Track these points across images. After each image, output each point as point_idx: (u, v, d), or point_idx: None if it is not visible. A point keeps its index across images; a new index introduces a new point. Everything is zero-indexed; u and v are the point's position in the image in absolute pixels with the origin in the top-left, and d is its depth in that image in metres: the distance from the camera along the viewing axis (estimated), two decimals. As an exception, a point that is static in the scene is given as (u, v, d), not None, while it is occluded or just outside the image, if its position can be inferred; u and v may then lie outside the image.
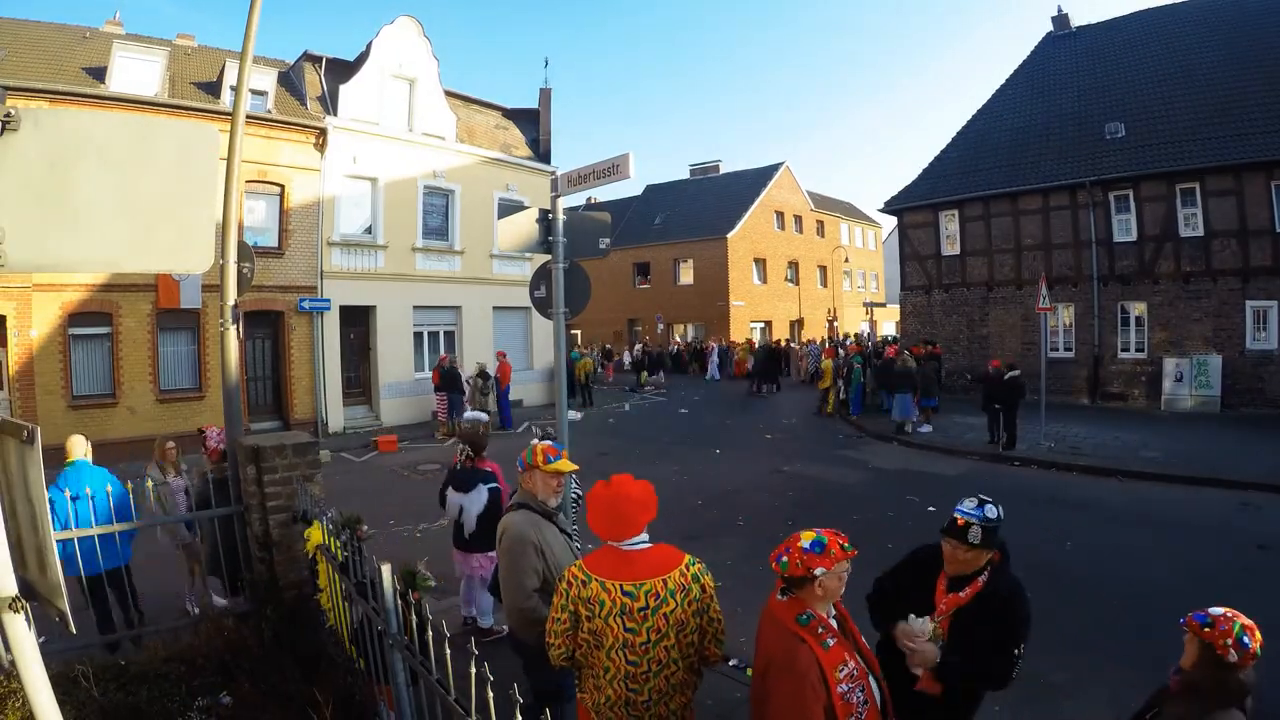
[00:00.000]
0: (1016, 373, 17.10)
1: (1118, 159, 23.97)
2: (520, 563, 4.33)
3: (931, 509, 11.93)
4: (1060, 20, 31.27)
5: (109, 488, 5.96)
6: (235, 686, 4.17)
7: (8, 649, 2.00)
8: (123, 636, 5.28)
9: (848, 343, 37.31)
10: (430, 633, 2.87)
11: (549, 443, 4.75)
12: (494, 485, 7.27)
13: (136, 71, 19.78)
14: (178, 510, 7.92)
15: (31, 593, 2.20)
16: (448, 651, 2.74)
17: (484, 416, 10.73)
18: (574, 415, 12.38)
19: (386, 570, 3.44)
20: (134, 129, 2.42)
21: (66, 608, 2.17)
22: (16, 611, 2.03)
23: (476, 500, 7.05)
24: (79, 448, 7.09)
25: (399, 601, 3.43)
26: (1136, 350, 23.79)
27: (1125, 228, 23.82)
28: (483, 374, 21.55)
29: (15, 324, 17.25)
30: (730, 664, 6.85)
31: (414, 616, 3.16)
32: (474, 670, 2.43)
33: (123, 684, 4.16)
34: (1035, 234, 25.91)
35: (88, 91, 18.45)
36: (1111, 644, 6.94)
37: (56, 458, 14.68)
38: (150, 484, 8.05)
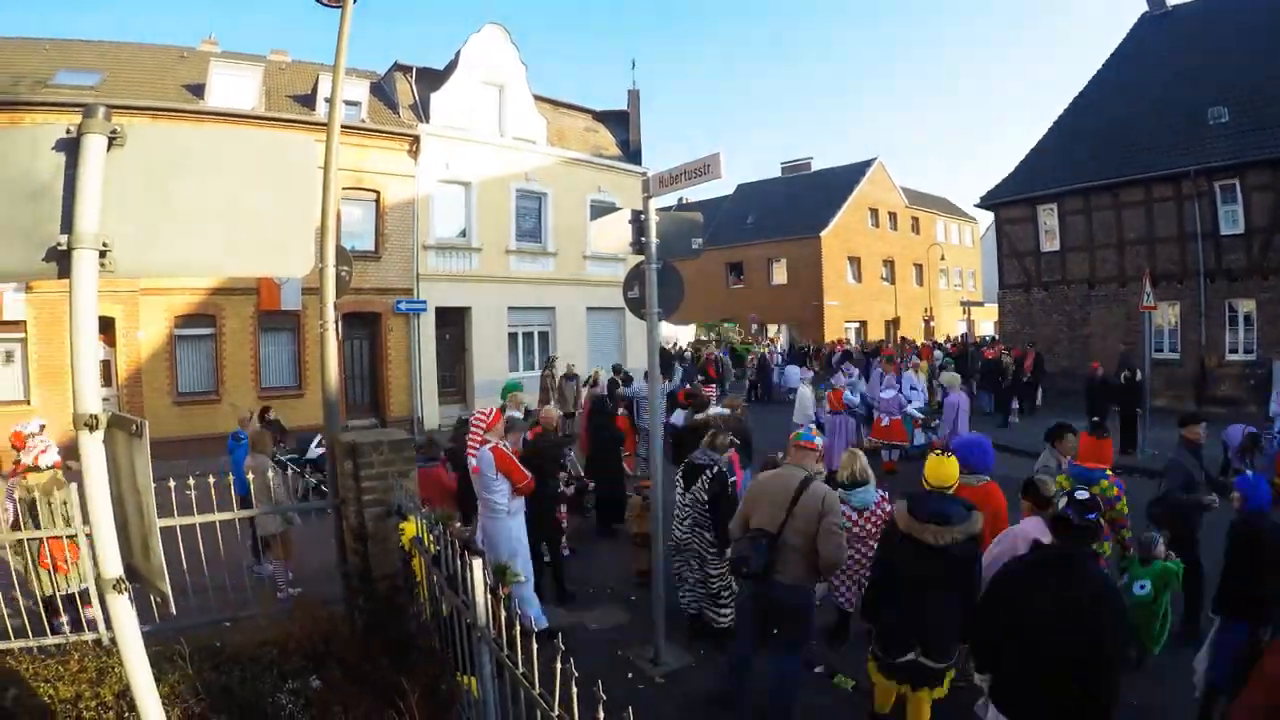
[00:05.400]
0: (1138, 375, 16.64)
1: (1222, 145, 22.63)
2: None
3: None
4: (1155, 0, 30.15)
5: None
6: (325, 672, 4.30)
7: (109, 626, 2.13)
8: (222, 619, 5.49)
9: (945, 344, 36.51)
10: (518, 628, 2.92)
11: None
12: None
13: (233, 87, 20.62)
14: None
15: (136, 575, 2.32)
16: (534, 646, 2.79)
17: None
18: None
19: (478, 565, 3.48)
20: (233, 141, 2.55)
21: (168, 590, 2.29)
22: (120, 593, 2.15)
23: None
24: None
25: (488, 596, 3.49)
26: (1245, 351, 22.52)
27: (1232, 219, 22.45)
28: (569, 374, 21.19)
29: (124, 325, 18.16)
30: (816, 670, 6.77)
31: (502, 611, 3.21)
32: (559, 666, 2.47)
33: (217, 664, 4.32)
34: (1138, 228, 24.79)
35: (187, 107, 19.33)
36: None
37: (169, 448, 15.25)
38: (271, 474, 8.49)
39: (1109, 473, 6.90)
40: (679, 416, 12.32)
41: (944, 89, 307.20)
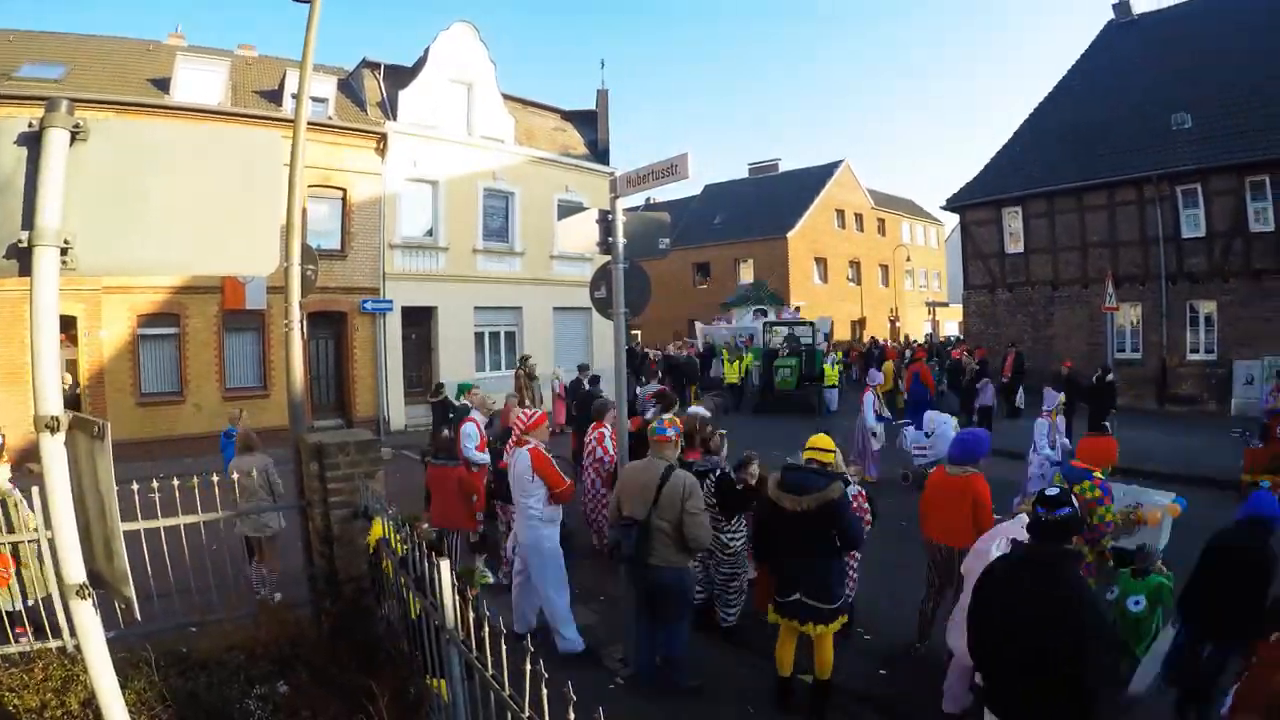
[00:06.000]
0: (1111, 375, 16.88)
1: (1185, 151, 23.09)
2: None
3: (997, 516, 11.70)
4: (1121, 8, 30.56)
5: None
6: (292, 676, 4.26)
7: (74, 633, 2.09)
8: (188, 624, 5.42)
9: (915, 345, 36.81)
10: (486, 629, 2.90)
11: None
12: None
13: (199, 82, 20.33)
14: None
15: (99, 580, 2.28)
16: (504, 647, 2.77)
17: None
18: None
19: (445, 566, 3.46)
20: (199, 137, 2.51)
21: (133, 595, 2.25)
22: (84, 598, 2.11)
23: None
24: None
25: (456, 597, 3.47)
26: (1206, 352, 22.92)
27: (1194, 223, 22.93)
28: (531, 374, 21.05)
29: (85, 325, 17.87)
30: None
31: (470, 612, 3.18)
32: (529, 667, 2.45)
33: (183, 670, 4.28)
34: (1101, 231, 25.24)
35: (153, 102, 19.07)
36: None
37: (140, 450, 15.00)
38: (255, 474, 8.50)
39: (1095, 474, 6.70)
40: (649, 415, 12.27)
41: (911, 92, 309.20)
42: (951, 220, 45.42)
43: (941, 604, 6.81)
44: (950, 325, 50.60)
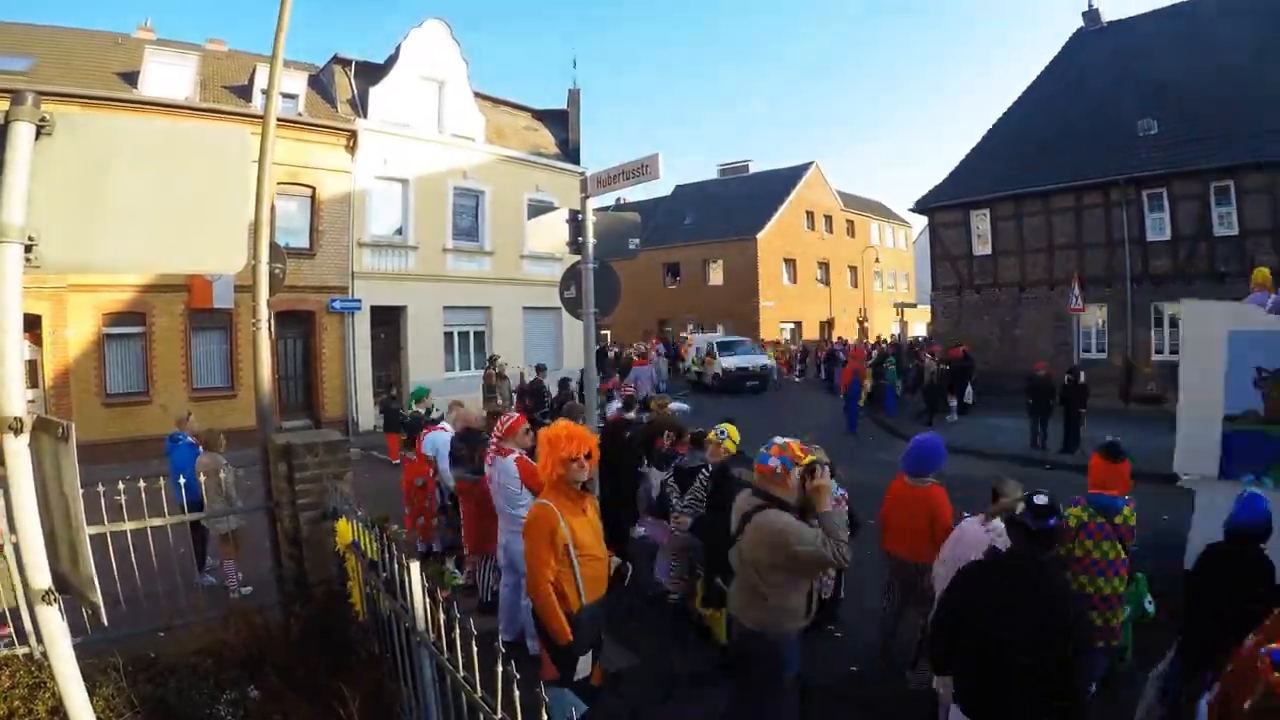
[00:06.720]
0: (1082, 377, 17.29)
1: (1151, 156, 23.52)
2: None
3: (965, 514, 11.76)
4: (1091, 15, 30.89)
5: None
6: (262, 680, 4.22)
7: (41, 639, 2.05)
8: (155, 629, 5.34)
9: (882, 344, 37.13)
10: (458, 630, 2.88)
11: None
12: None
13: (168, 76, 20.12)
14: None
15: (65, 585, 2.24)
16: (474, 649, 2.75)
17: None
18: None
19: (415, 568, 3.44)
20: (167, 133, 2.46)
21: (99, 600, 2.21)
22: (50, 604, 2.06)
23: None
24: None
25: (427, 599, 3.44)
26: (1170, 352, 23.22)
27: (1159, 226, 23.36)
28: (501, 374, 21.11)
29: (50, 324, 17.57)
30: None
31: (441, 614, 3.16)
32: (500, 668, 2.43)
33: (151, 676, 4.21)
34: (1068, 233, 25.54)
35: (120, 96, 18.79)
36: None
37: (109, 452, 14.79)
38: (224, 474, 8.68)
39: (1128, 500, 5.83)
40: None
41: (882, 94, 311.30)
42: (920, 222, 45.86)
43: (904, 619, 6.57)
44: (919, 326, 51.03)
